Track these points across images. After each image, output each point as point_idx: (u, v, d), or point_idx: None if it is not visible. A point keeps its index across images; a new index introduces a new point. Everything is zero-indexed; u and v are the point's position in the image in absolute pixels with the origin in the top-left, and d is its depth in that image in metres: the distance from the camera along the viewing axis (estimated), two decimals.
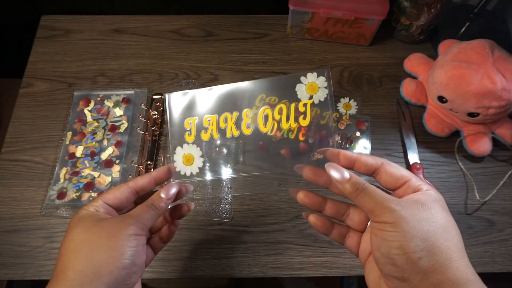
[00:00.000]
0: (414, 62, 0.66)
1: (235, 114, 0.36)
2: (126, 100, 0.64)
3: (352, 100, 0.64)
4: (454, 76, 0.55)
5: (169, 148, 0.37)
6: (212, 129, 0.36)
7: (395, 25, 0.69)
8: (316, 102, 0.35)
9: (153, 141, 0.60)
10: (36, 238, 0.54)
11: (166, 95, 0.37)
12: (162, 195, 0.35)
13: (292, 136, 0.62)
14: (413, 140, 0.61)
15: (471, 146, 0.59)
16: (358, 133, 0.62)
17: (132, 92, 0.65)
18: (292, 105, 0.35)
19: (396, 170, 0.31)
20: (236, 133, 0.36)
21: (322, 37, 0.70)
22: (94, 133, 0.61)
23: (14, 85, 0.68)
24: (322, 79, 0.36)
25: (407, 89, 0.64)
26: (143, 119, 0.62)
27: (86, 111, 0.63)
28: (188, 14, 0.73)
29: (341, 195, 0.35)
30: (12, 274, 0.52)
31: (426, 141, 0.62)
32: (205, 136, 0.37)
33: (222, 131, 0.36)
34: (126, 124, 0.62)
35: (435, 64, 0.59)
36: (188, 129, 0.37)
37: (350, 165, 0.32)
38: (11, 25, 0.80)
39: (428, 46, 0.70)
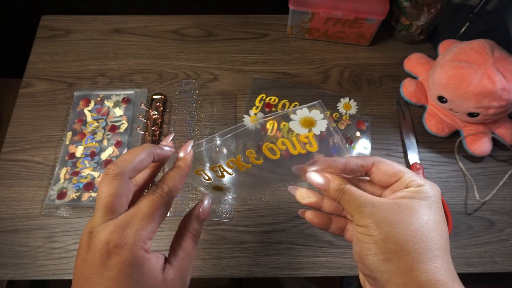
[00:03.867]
0: (414, 62, 0.66)
1: (239, 156, 0.35)
2: (126, 100, 0.64)
3: (352, 100, 0.64)
4: (454, 76, 0.55)
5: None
6: (224, 171, 0.35)
7: (395, 25, 0.69)
8: (317, 133, 0.31)
9: (153, 141, 0.60)
10: (36, 238, 0.54)
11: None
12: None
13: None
14: (413, 140, 0.61)
15: (471, 146, 0.59)
16: (358, 133, 0.62)
17: (132, 92, 0.65)
18: (293, 138, 0.32)
19: (389, 167, 0.31)
20: (248, 166, 0.34)
21: (322, 37, 0.70)
22: (94, 133, 0.61)
23: (14, 85, 0.68)
24: (316, 112, 0.31)
25: (407, 89, 0.64)
26: (143, 119, 0.62)
27: (86, 111, 0.63)
28: (188, 14, 0.74)
29: (334, 211, 0.35)
30: (12, 274, 0.52)
31: (426, 141, 0.62)
32: (220, 177, 0.36)
33: (235, 170, 0.35)
34: (126, 124, 0.62)
35: (435, 64, 0.59)
36: (200, 176, 0.36)
37: (340, 171, 0.32)
38: (11, 25, 0.80)
39: (428, 46, 0.70)
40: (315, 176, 0.32)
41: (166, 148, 0.32)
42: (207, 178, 0.36)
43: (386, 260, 0.26)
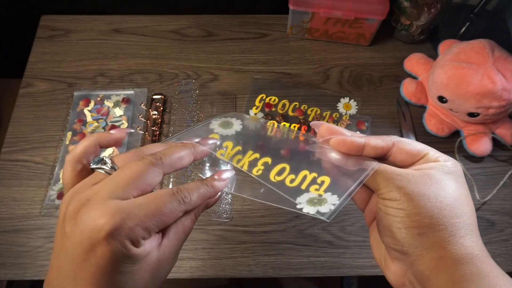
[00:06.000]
0: (414, 62, 0.66)
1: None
2: (126, 100, 0.64)
3: (352, 100, 0.64)
4: (454, 76, 0.55)
5: None
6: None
7: (395, 25, 0.69)
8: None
9: (153, 141, 0.60)
10: (36, 238, 0.54)
11: None
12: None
13: (292, 136, 0.62)
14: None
15: (471, 146, 0.59)
16: (358, 133, 0.62)
17: (132, 92, 0.65)
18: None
19: (412, 146, 0.29)
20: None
21: (322, 37, 0.70)
22: (94, 133, 0.61)
23: (14, 85, 0.68)
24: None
25: (407, 89, 0.64)
26: (143, 119, 0.62)
27: (86, 111, 0.63)
28: (188, 14, 0.74)
29: None
30: (12, 274, 0.52)
31: (426, 141, 0.62)
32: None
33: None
34: (126, 124, 0.62)
35: (435, 64, 0.59)
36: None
37: (359, 152, 0.30)
38: (11, 25, 0.80)
39: (428, 46, 0.70)
40: (332, 154, 0.30)
41: (210, 142, 0.31)
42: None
43: (421, 235, 0.26)
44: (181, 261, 0.53)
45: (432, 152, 0.29)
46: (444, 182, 0.27)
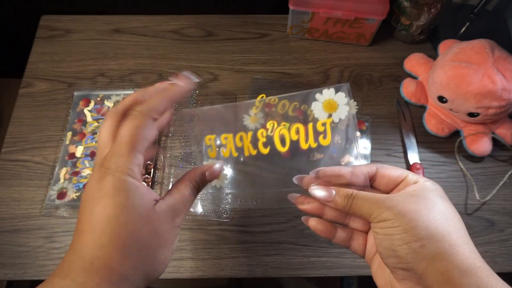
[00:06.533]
0: (414, 62, 0.66)
1: (250, 133, 0.35)
2: None
3: (352, 100, 0.64)
4: (454, 76, 0.55)
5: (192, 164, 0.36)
6: (230, 147, 0.35)
7: (395, 25, 0.69)
8: (336, 120, 0.31)
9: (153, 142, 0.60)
10: (36, 238, 0.54)
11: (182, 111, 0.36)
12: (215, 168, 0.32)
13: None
14: (413, 140, 0.61)
15: (471, 146, 0.59)
16: (358, 133, 0.62)
17: (132, 92, 0.65)
18: (310, 125, 0.32)
19: (392, 171, 0.32)
20: (253, 152, 0.34)
21: (322, 37, 0.70)
22: (94, 133, 0.61)
23: (14, 85, 0.68)
24: (342, 95, 0.31)
25: (407, 89, 0.64)
26: None
27: (86, 111, 0.63)
28: (188, 14, 0.74)
29: (336, 219, 0.35)
30: (12, 274, 0.52)
31: (426, 141, 0.62)
32: (225, 154, 0.36)
33: (239, 150, 0.35)
34: None
35: (435, 64, 0.59)
36: (209, 145, 0.36)
37: (346, 181, 0.32)
38: (11, 25, 0.80)
39: (428, 46, 0.70)
40: (317, 191, 0.32)
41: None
42: (212, 150, 0.36)
43: (422, 247, 0.26)
44: (181, 261, 0.53)
45: (411, 175, 0.31)
46: (429, 198, 0.29)
